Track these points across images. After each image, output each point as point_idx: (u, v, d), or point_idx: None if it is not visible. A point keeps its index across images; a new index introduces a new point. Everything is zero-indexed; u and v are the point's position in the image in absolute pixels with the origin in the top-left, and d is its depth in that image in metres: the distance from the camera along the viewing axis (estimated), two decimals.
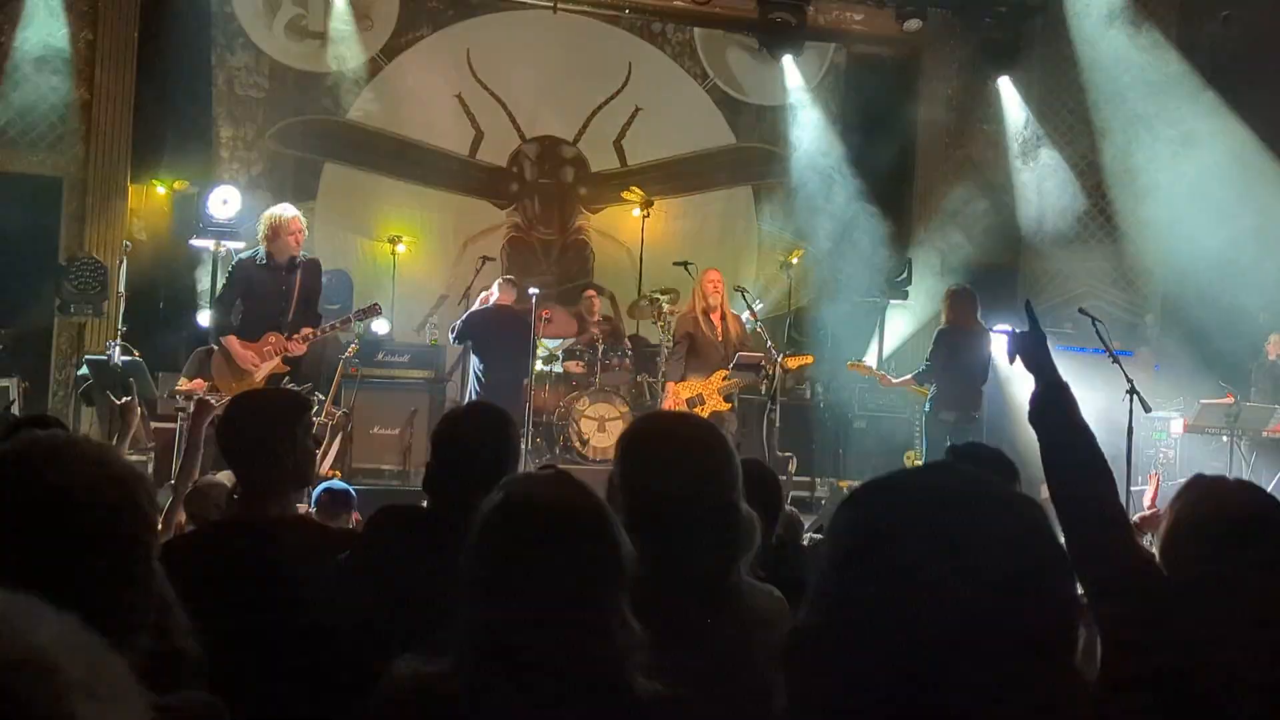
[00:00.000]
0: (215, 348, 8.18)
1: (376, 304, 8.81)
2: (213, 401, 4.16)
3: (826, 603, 1.05)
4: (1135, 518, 4.41)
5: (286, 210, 8.15)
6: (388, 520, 3.04)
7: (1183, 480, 2.80)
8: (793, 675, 1.06)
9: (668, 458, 2.40)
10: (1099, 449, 2.68)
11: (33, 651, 0.68)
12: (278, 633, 2.70)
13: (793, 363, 9.79)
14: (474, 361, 10.10)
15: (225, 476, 4.21)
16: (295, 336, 7.99)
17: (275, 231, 8.01)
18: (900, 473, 1.15)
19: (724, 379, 9.46)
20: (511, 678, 1.75)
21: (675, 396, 9.48)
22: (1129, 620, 2.51)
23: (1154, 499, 4.35)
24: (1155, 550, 2.67)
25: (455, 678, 1.79)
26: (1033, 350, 2.89)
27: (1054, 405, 2.75)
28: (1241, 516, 2.52)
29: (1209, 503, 2.57)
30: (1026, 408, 2.80)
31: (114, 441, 4.57)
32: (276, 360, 7.97)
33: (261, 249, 8.09)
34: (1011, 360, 2.97)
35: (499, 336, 9.84)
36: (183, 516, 3.89)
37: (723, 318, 9.56)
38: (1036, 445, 2.72)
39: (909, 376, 9.58)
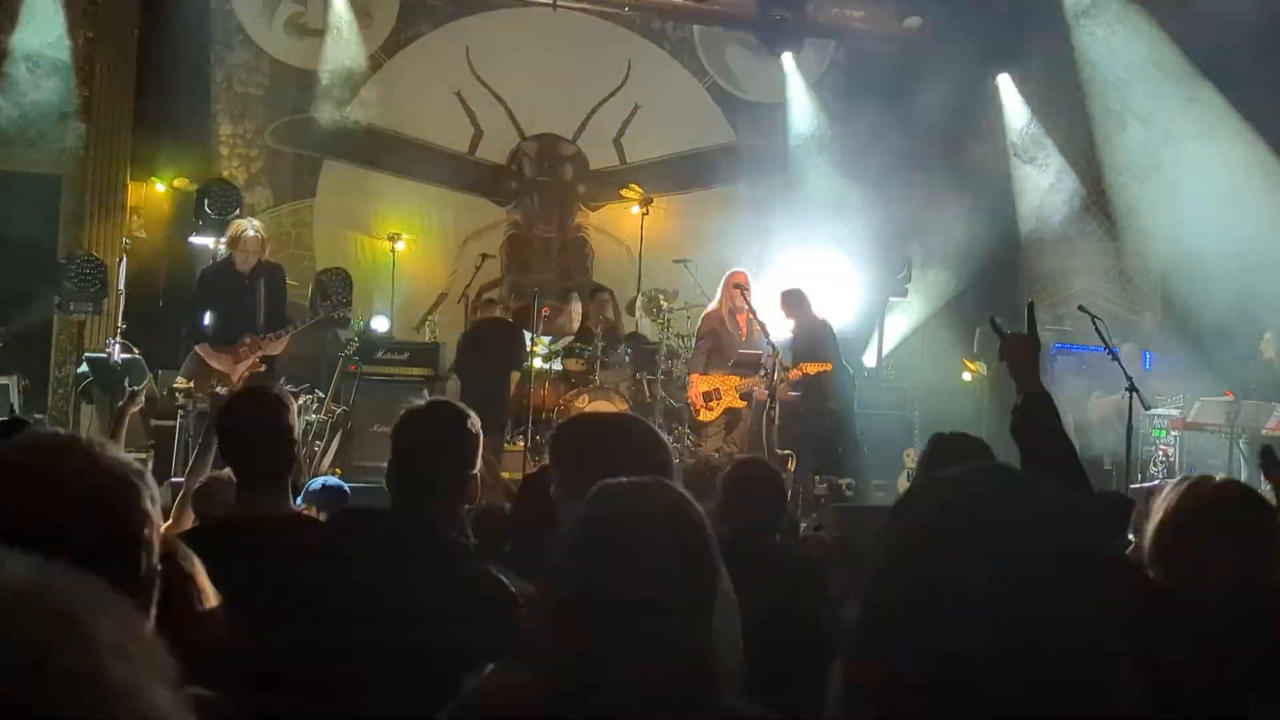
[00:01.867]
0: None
1: (341, 303, 9.07)
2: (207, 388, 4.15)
3: (886, 592, 1.09)
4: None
5: (247, 229, 8.52)
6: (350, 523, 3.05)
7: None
8: (852, 658, 1.10)
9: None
10: (1078, 460, 2.69)
11: (66, 617, 0.69)
12: (282, 629, 2.71)
13: (811, 369, 9.83)
14: None
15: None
16: (270, 335, 8.22)
17: (231, 243, 8.48)
18: (962, 471, 1.17)
19: (742, 377, 9.56)
20: (602, 697, 1.69)
21: (694, 388, 9.62)
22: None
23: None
24: (1145, 546, 2.67)
25: (541, 691, 1.74)
26: (1022, 355, 2.85)
27: (1036, 416, 2.74)
28: (1226, 514, 2.52)
29: (1193, 501, 2.58)
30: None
31: (110, 430, 4.58)
32: (253, 359, 8.18)
33: (225, 253, 8.42)
34: (1001, 359, 2.94)
35: (473, 352, 9.99)
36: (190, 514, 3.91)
37: (748, 319, 9.58)
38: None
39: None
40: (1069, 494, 1.17)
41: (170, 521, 3.98)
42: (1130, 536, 3.74)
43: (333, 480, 5.20)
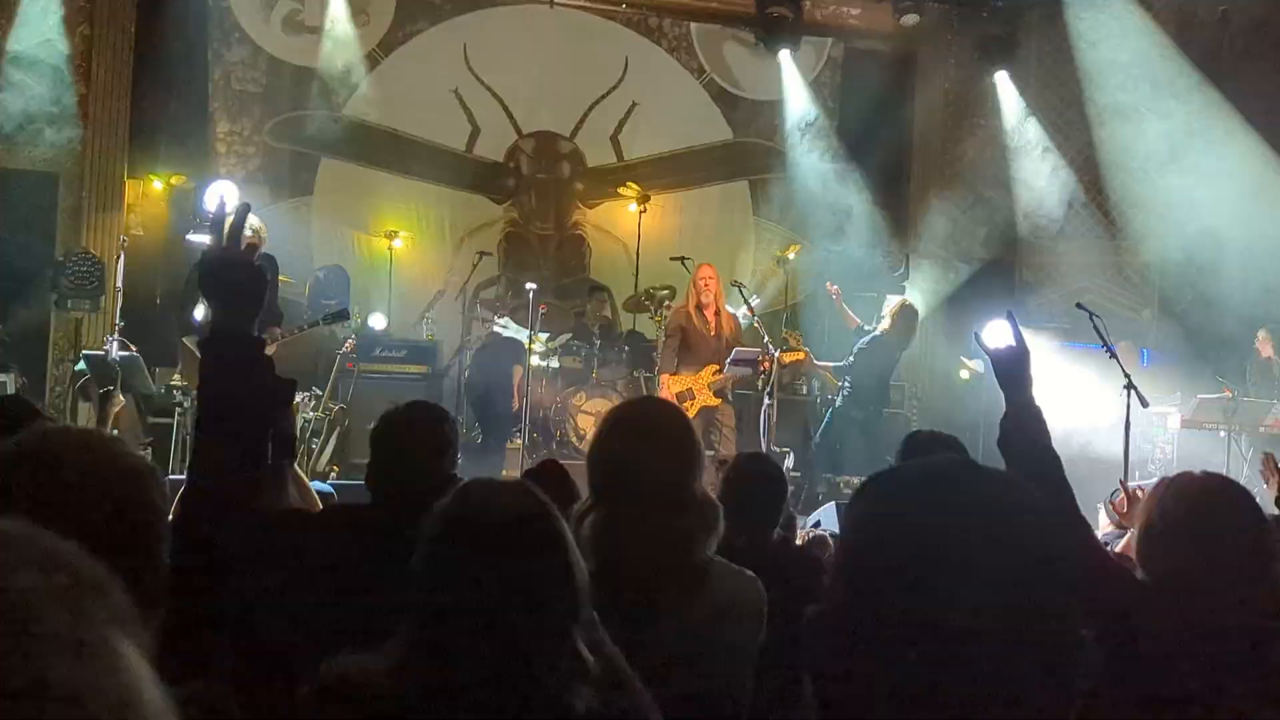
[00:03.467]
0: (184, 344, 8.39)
1: (345, 309, 9.03)
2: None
3: (841, 589, 1.09)
4: (1114, 502, 4.42)
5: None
6: (334, 519, 3.06)
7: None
8: (812, 660, 1.10)
9: (631, 435, 2.53)
10: (1064, 475, 2.68)
11: (6, 601, 0.63)
12: (273, 621, 2.72)
13: (787, 357, 9.77)
14: None
15: None
16: (278, 333, 8.16)
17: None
18: (912, 463, 1.20)
19: (714, 374, 9.44)
20: (447, 690, 1.71)
21: (666, 389, 9.42)
22: (1107, 632, 2.51)
23: (1125, 502, 4.31)
24: (1133, 543, 2.67)
25: (393, 678, 1.76)
26: (1011, 368, 2.82)
27: (1022, 429, 2.72)
28: (1212, 511, 2.52)
29: (1181, 498, 2.57)
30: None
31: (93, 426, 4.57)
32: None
33: None
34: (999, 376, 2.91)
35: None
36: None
37: (716, 313, 9.52)
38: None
39: (828, 364, 9.94)
40: (1018, 476, 1.17)
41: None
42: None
43: (319, 485, 5.19)
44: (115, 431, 6.80)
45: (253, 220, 8.51)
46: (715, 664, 2.48)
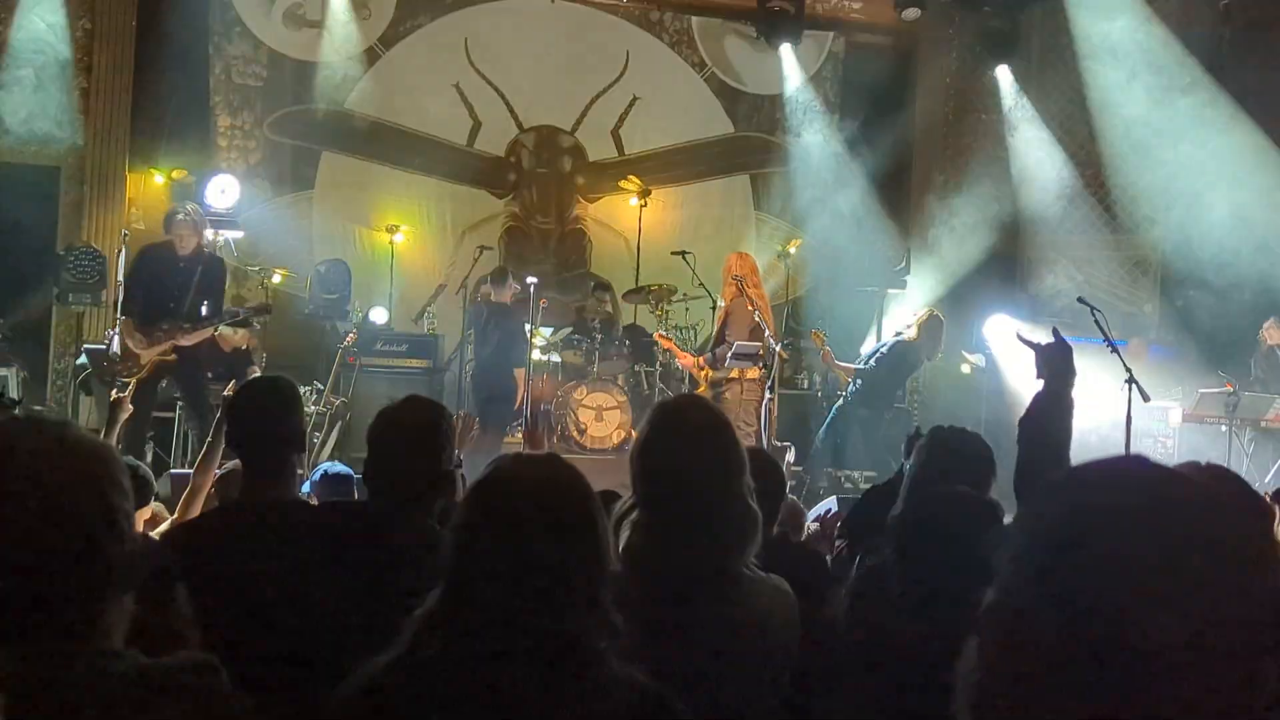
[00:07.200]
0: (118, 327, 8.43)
1: (267, 304, 9.17)
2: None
3: (1030, 583, 1.08)
4: None
5: (176, 211, 8.59)
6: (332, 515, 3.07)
7: None
8: (986, 649, 1.09)
9: (673, 439, 2.47)
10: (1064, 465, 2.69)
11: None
12: (273, 610, 2.74)
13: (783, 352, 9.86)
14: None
15: None
16: (186, 327, 8.20)
17: (165, 225, 8.53)
18: (1107, 462, 1.15)
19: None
20: (469, 655, 1.73)
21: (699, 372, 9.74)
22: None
23: None
24: None
25: (403, 665, 1.77)
26: (1057, 359, 2.85)
27: (1049, 416, 2.74)
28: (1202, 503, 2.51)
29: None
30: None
31: (101, 433, 4.56)
32: (165, 346, 8.23)
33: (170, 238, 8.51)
34: (1039, 376, 2.92)
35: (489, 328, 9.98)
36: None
37: (752, 309, 9.46)
38: None
39: (849, 366, 9.95)
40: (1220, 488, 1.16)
41: (176, 514, 3.99)
42: None
43: (339, 466, 5.12)
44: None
45: (187, 207, 8.56)
46: (746, 675, 2.45)
